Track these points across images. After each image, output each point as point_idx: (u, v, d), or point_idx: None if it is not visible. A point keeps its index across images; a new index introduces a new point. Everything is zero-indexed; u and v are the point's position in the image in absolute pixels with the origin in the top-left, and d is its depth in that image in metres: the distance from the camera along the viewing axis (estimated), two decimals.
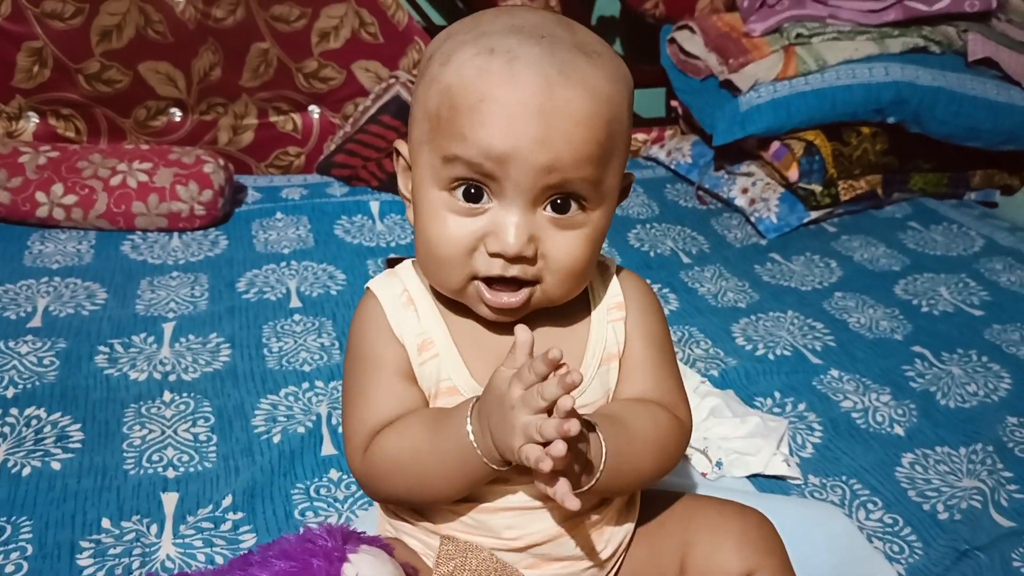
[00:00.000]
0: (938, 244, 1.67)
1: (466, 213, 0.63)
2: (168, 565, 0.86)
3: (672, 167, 1.91)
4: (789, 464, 1.03)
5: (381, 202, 1.67)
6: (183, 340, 1.23)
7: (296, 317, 1.30)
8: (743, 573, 0.70)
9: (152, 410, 1.08)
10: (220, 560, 0.86)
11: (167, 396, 1.11)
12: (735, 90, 1.73)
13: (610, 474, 0.64)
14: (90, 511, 0.92)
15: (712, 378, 1.20)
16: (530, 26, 0.62)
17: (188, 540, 0.89)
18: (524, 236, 0.62)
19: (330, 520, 0.92)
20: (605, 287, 0.73)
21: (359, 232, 1.59)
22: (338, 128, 1.79)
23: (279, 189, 1.73)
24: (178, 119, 1.72)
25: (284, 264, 1.46)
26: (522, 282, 0.64)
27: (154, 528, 0.90)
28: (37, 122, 1.66)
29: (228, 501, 0.94)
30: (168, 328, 1.25)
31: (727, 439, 1.04)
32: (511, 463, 0.61)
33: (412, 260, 0.72)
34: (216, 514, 0.92)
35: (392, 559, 0.66)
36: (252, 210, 1.64)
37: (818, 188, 1.69)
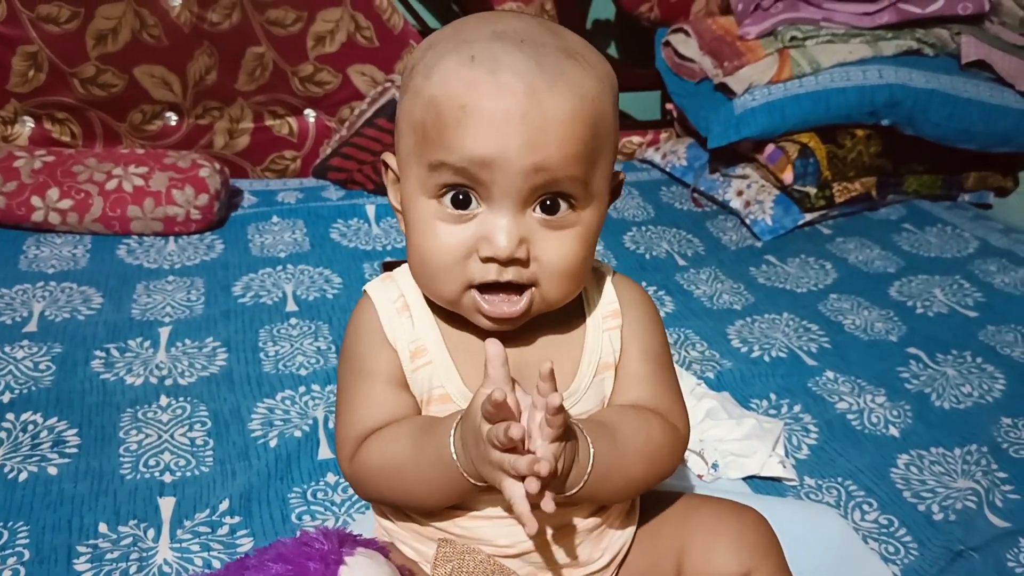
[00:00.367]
0: (932, 246, 1.67)
1: (456, 220, 0.63)
2: (165, 570, 0.86)
3: (667, 170, 1.92)
4: (785, 466, 1.03)
5: (377, 205, 1.67)
6: (179, 344, 1.23)
7: (292, 321, 1.30)
8: (740, 575, 0.70)
9: (148, 414, 1.08)
10: (217, 565, 0.86)
11: (163, 400, 1.11)
12: (730, 93, 1.73)
13: (598, 480, 0.64)
14: (87, 516, 0.92)
15: (708, 380, 1.20)
16: (511, 31, 0.62)
17: (185, 544, 0.89)
18: (515, 238, 0.61)
19: (327, 524, 0.92)
20: (600, 294, 0.73)
21: (355, 236, 1.59)
22: (334, 132, 1.79)
23: (275, 193, 1.73)
24: (174, 123, 1.72)
25: (280, 268, 1.46)
26: (519, 287, 0.64)
27: (151, 532, 0.90)
28: (32, 126, 1.66)
29: (225, 505, 0.94)
30: (164, 332, 1.25)
31: (723, 441, 1.04)
32: None
33: None
34: (213, 518, 0.92)
35: (388, 562, 0.66)
36: (248, 214, 1.64)
37: (813, 190, 1.70)
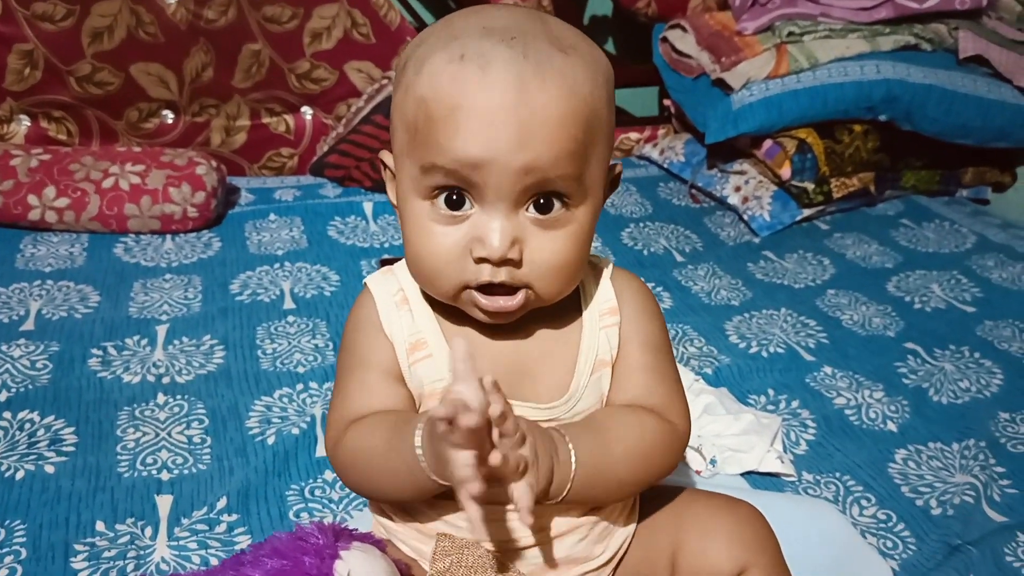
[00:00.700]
0: (930, 241, 1.67)
1: (449, 221, 0.63)
2: (163, 567, 0.86)
3: (665, 166, 1.92)
4: (783, 461, 1.03)
5: (374, 203, 1.67)
6: (176, 342, 1.23)
7: (290, 318, 1.30)
8: (734, 572, 0.70)
9: (146, 412, 1.08)
10: (214, 562, 0.86)
11: (161, 398, 1.10)
12: (727, 88, 1.73)
13: (585, 483, 0.63)
14: (84, 514, 0.92)
15: (706, 376, 1.20)
16: (501, 26, 0.61)
17: (183, 542, 0.89)
18: (508, 239, 0.61)
19: (324, 520, 0.92)
20: (598, 290, 0.72)
21: (352, 233, 1.59)
22: (331, 129, 1.78)
23: (272, 190, 1.72)
24: (170, 121, 1.72)
25: (277, 265, 1.46)
26: (513, 288, 0.64)
27: (148, 530, 0.90)
28: (28, 125, 1.66)
29: (222, 503, 0.94)
30: (161, 330, 1.25)
31: (721, 436, 1.04)
32: None
33: None
34: (210, 516, 0.92)
35: (384, 556, 0.66)
36: (245, 212, 1.63)
37: (811, 186, 1.69)
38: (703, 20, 1.85)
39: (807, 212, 1.72)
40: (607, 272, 0.73)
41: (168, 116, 1.71)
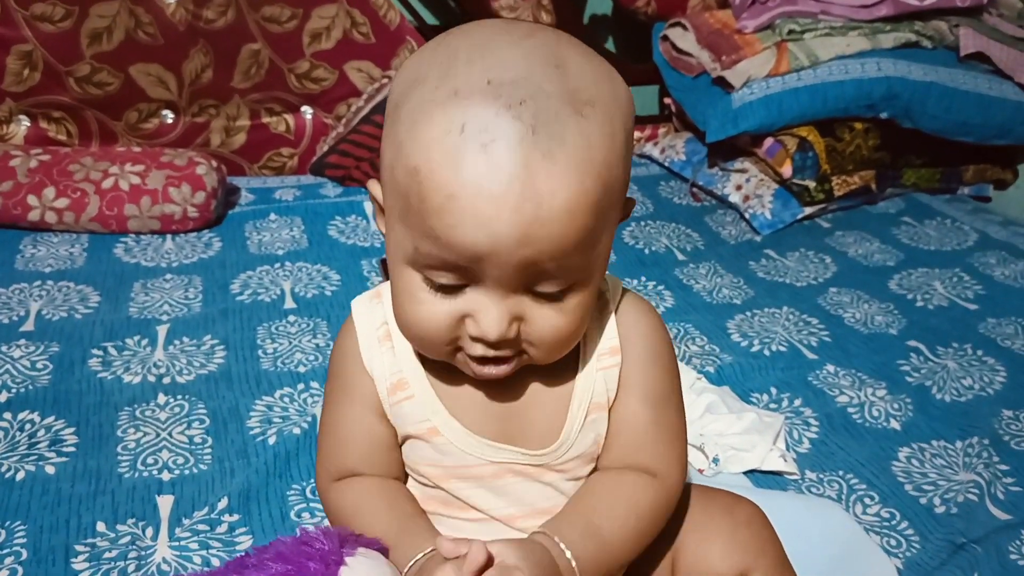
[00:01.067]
0: (932, 239, 1.67)
1: (443, 293, 0.58)
2: (164, 568, 0.85)
3: (666, 164, 1.91)
4: (786, 460, 1.03)
5: None
6: (177, 342, 1.22)
7: (291, 318, 1.30)
8: (735, 575, 0.69)
9: (146, 413, 1.07)
10: (216, 563, 0.86)
11: (161, 399, 1.10)
12: (728, 87, 1.73)
13: None
14: (85, 515, 0.91)
15: (708, 375, 1.20)
16: (510, 80, 0.53)
17: (184, 543, 0.88)
18: (505, 321, 0.57)
19: (326, 522, 0.91)
20: (601, 330, 0.66)
21: (353, 232, 1.58)
22: (331, 129, 1.78)
23: (272, 190, 1.72)
24: (170, 121, 1.72)
25: (278, 265, 1.46)
26: (510, 357, 0.61)
27: (149, 531, 0.90)
28: (28, 126, 1.65)
29: (224, 503, 0.94)
30: (162, 331, 1.25)
31: (723, 435, 1.04)
32: None
33: None
34: (212, 516, 0.92)
35: (389, 562, 0.65)
36: (245, 212, 1.63)
37: (812, 184, 1.69)
38: (703, 18, 1.85)
39: (808, 210, 1.71)
40: (613, 307, 0.67)
41: (168, 116, 1.71)
